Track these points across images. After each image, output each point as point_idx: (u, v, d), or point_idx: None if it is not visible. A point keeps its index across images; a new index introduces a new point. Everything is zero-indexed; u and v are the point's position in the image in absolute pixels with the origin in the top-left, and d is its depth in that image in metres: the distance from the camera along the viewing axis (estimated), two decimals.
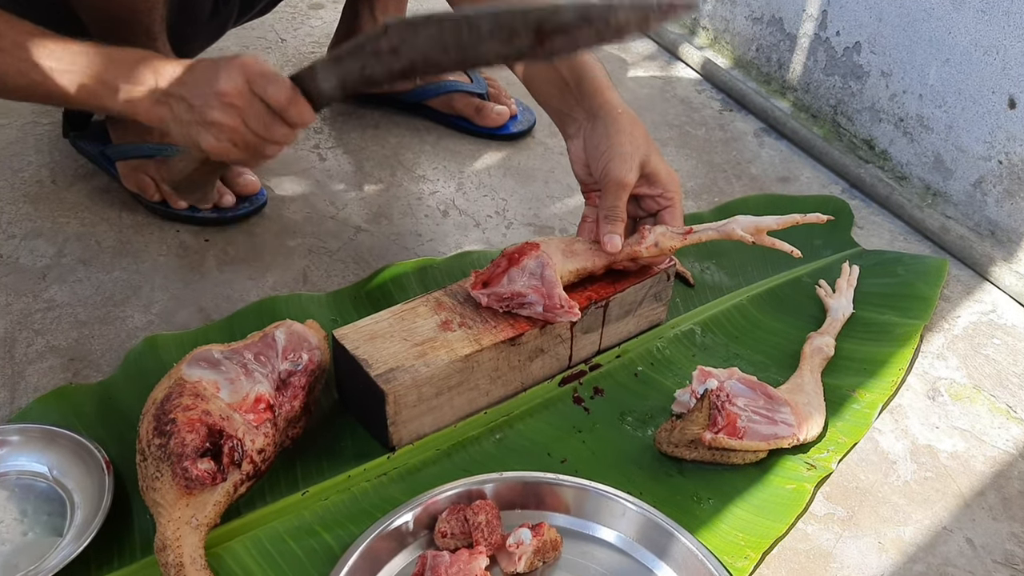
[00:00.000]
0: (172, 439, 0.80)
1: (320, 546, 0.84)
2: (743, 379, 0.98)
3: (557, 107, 1.05)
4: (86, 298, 1.10)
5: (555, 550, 0.84)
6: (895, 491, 0.96)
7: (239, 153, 0.90)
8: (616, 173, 0.98)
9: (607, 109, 1.00)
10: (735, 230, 0.98)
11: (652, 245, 0.98)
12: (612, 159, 0.98)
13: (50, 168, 1.30)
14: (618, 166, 0.98)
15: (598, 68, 1.03)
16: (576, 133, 1.03)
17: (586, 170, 1.03)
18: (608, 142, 0.99)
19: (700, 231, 0.99)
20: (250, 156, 0.91)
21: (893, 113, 1.40)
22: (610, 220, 0.98)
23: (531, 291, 0.94)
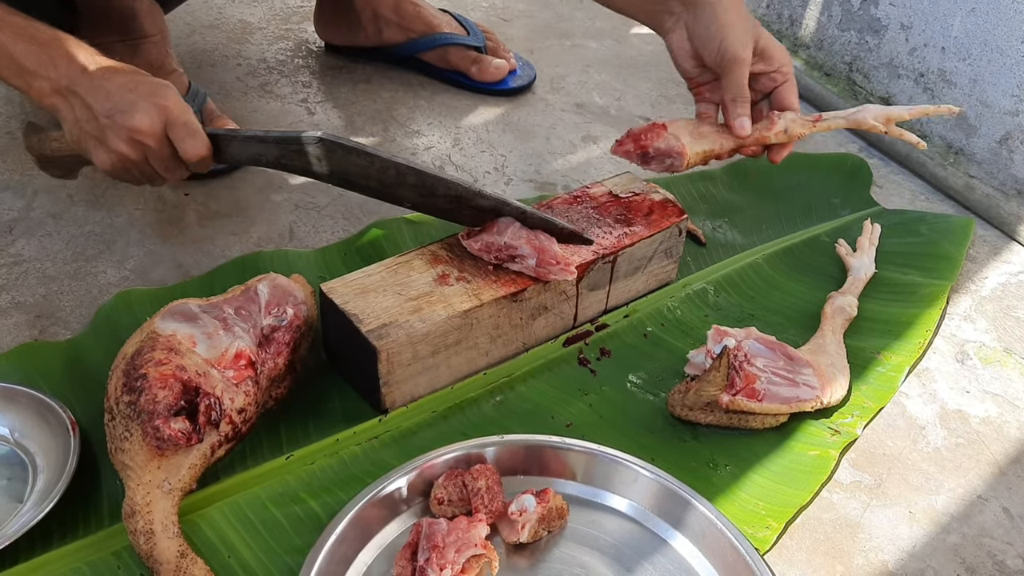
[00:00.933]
0: (142, 396, 0.73)
1: (305, 513, 0.77)
2: (761, 339, 0.91)
3: (646, 6, 1.02)
4: (55, 253, 1.03)
5: (561, 518, 0.77)
6: (925, 458, 0.89)
7: (127, 177, 0.88)
8: (734, 51, 0.94)
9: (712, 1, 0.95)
10: (866, 118, 0.98)
11: (782, 131, 0.98)
12: (726, 37, 0.94)
13: (20, 120, 1.22)
14: (733, 43, 0.94)
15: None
16: (675, 26, 0.99)
17: (694, 61, 0.99)
18: (718, 23, 0.94)
19: (830, 118, 0.99)
20: (135, 182, 0.89)
21: (913, 68, 1.32)
22: (738, 102, 0.95)
23: (524, 243, 0.87)
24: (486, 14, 1.59)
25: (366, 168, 0.85)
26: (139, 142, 0.83)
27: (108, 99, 0.82)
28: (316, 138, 0.83)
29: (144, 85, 0.83)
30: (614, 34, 1.58)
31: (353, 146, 0.84)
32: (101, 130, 0.83)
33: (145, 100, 0.82)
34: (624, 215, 0.97)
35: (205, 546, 0.74)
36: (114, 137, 0.83)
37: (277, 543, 0.75)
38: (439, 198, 0.87)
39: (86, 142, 0.85)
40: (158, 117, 0.82)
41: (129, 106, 0.82)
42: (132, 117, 0.81)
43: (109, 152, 0.84)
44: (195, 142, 0.84)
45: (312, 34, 1.46)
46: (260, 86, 1.34)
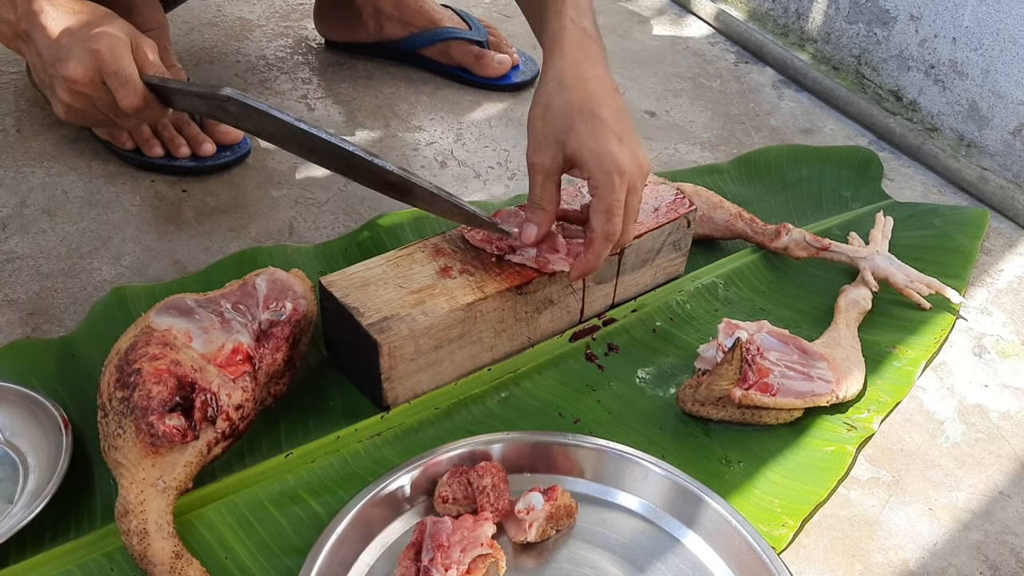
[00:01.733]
0: (136, 391, 0.71)
1: (306, 513, 0.75)
2: (774, 332, 0.89)
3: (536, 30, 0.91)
4: (49, 250, 1.00)
5: (569, 517, 0.75)
6: (944, 453, 0.86)
7: (86, 122, 0.85)
8: (528, 152, 0.82)
9: (544, 67, 0.83)
10: (865, 269, 0.99)
11: (781, 248, 1.01)
12: (528, 133, 0.82)
13: (15, 117, 1.20)
14: (530, 143, 0.82)
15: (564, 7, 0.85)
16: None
17: None
18: (529, 112, 0.82)
19: (835, 251, 1.01)
20: (99, 127, 0.84)
21: (923, 60, 1.30)
22: (529, 208, 0.83)
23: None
24: (488, 10, 1.57)
25: (280, 128, 0.78)
26: (77, 91, 0.80)
27: (52, 46, 0.79)
28: (224, 97, 0.77)
29: (83, 28, 0.79)
30: (617, 29, 1.56)
31: (260, 108, 0.76)
32: (49, 80, 0.81)
33: (80, 46, 0.78)
34: None
35: (201, 547, 0.71)
36: (59, 87, 0.80)
37: (276, 544, 0.72)
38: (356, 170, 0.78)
39: (44, 90, 0.83)
40: (91, 64, 0.78)
41: (65, 53, 0.78)
42: (67, 66, 0.78)
43: (59, 102, 0.81)
44: (127, 92, 0.79)
45: (312, 31, 1.44)
46: (259, 83, 1.32)
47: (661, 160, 1.25)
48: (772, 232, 1.02)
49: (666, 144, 1.28)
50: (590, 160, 0.78)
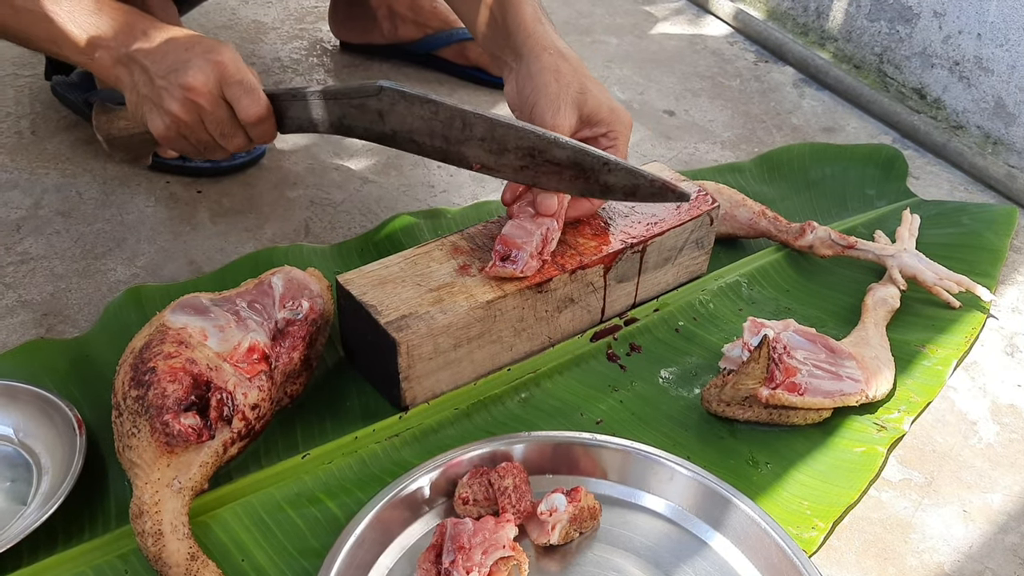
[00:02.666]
0: (151, 390, 0.69)
1: (323, 515, 0.73)
2: (800, 331, 0.87)
3: (490, 48, 0.92)
4: (64, 251, 0.99)
5: (593, 519, 0.73)
6: (977, 454, 0.84)
7: (186, 146, 0.83)
8: (544, 118, 0.82)
9: (530, 45, 0.86)
10: (893, 267, 0.97)
11: (806, 246, 0.99)
12: (537, 102, 0.83)
13: (30, 119, 1.19)
14: (545, 109, 0.83)
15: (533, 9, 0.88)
16: (508, 77, 0.88)
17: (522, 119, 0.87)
18: (532, 84, 0.84)
19: (861, 249, 0.98)
20: (196, 152, 0.84)
21: (947, 57, 1.28)
22: None
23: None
24: None
25: (430, 121, 0.78)
26: (193, 102, 0.78)
27: (164, 60, 0.78)
28: (378, 88, 0.77)
29: (201, 44, 0.78)
30: (635, 30, 1.54)
31: (416, 95, 0.77)
32: (157, 92, 0.79)
33: (200, 57, 0.77)
34: (653, 204, 0.93)
35: (217, 549, 0.70)
36: (169, 98, 0.78)
37: (293, 546, 0.71)
38: (510, 153, 0.79)
39: (143, 107, 0.81)
40: (213, 74, 0.77)
41: (183, 64, 0.77)
42: (186, 74, 0.77)
43: (164, 114, 0.79)
44: (251, 100, 0.78)
45: (327, 33, 1.43)
46: (274, 85, 1.31)
47: (681, 159, 1.23)
48: (796, 230, 1.00)
49: (686, 143, 1.26)
50: (609, 116, 0.85)
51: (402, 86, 0.77)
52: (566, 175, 0.80)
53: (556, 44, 0.86)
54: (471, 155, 0.80)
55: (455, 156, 0.80)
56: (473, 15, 0.93)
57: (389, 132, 0.80)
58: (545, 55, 0.85)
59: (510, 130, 0.78)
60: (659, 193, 0.81)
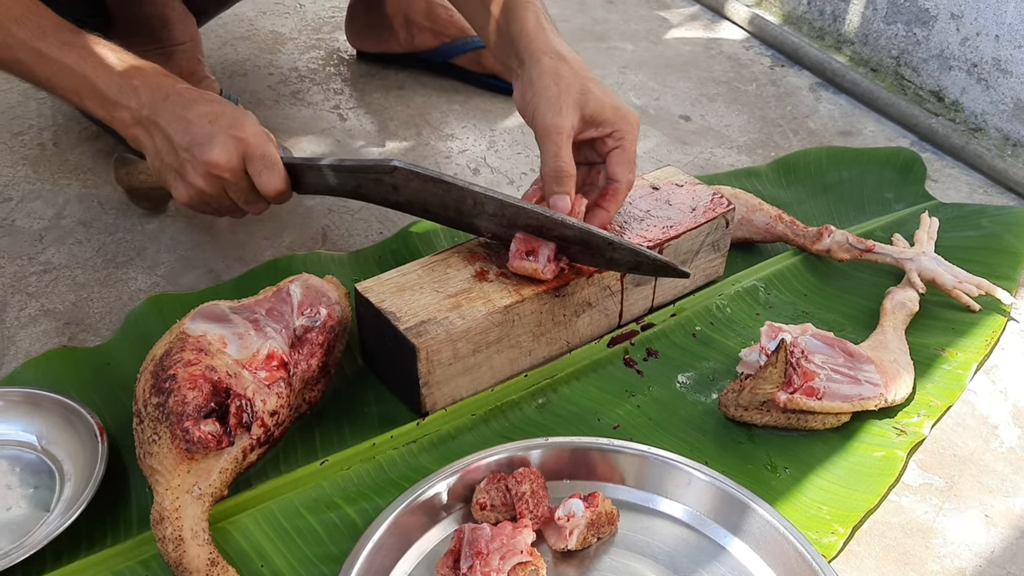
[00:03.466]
0: (171, 397, 0.70)
1: (342, 520, 0.73)
2: (818, 335, 0.86)
3: (499, 56, 0.93)
4: (85, 260, 1.01)
5: (611, 524, 0.73)
6: (999, 459, 0.83)
7: (206, 210, 0.85)
8: (545, 120, 0.82)
9: (531, 51, 0.86)
10: (911, 270, 0.96)
11: (824, 250, 0.99)
12: (538, 105, 0.83)
13: (52, 131, 1.21)
14: (546, 111, 0.83)
15: (530, 5, 0.89)
16: (515, 83, 0.88)
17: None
18: (532, 88, 0.84)
19: (879, 252, 0.98)
20: (215, 214, 0.87)
21: (965, 59, 1.27)
22: (553, 178, 0.82)
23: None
24: None
25: (443, 197, 0.82)
26: (217, 176, 0.80)
27: (187, 131, 0.80)
28: (391, 167, 0.80)
29: (224, 117, 0.80)
30: (650, 36, 1.55)
31: (429, 175, 0.80)
32: (180, 163, 0.81)
33: (223, 133, 0.79)
34: (667, 207, 0.93)
35: (237, 554, 0.70)
36: (192, 171, 0.80)
37: (312, 551, 0.71)
38: (519, 228, 0.82)
39: (166, 174, 0.83)
40: (236, 150, 0.80)
41: (207, 139, 0.79)
42: (210, 151, 0.79)
43: (187, 186, 0.82)
44: (272, 175, 0.81)
45: (343, 43, 1.45)
46: (292, 94, 1.32)
47: (697, 164, 1.23)
48: (814, 234, 1.00)
49: (702, 148, 1.26)
50: (613, 115, 0.84)
51: (415, 166, 0.80)
52: (573, 249, 0.82)
53: (556, 48, 0.86)
54: (483, 227, 0.84)
55: (468, 226, 0.84)
56: (483, 24, 0.94)
57: (404, 202, 0.84)
58: (545, 59, 0.85)
59: (520, 211, 0.80)
60: (661, 269, 0.83)
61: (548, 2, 0.93)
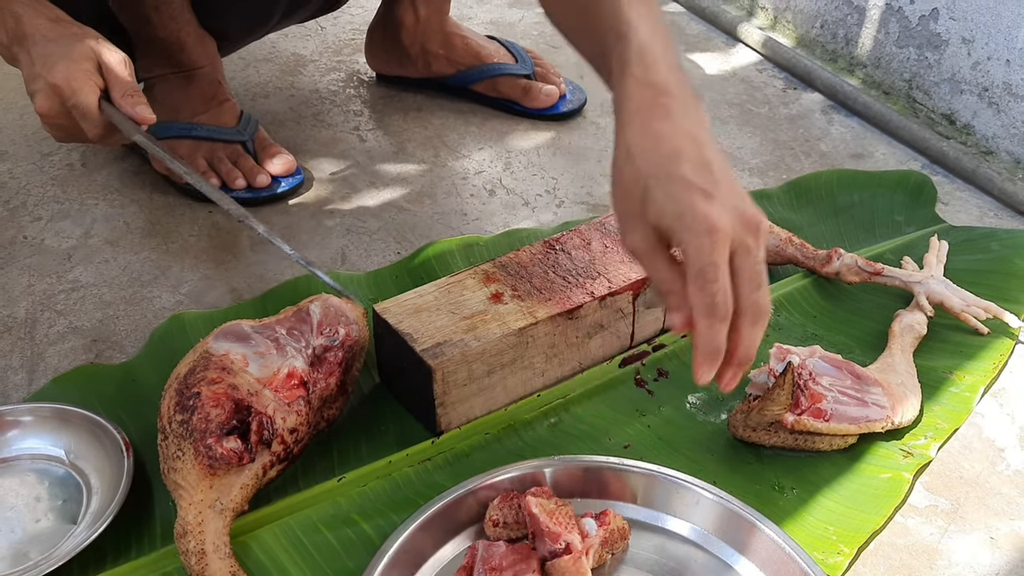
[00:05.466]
0: (195, 414, 0.72)
1: (358, 536, 0.76)
2: (827, 357, 0.88)
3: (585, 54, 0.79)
4: (112, 279, 1.04)
5: (624, 539, 0.74)
6: (1005, 481, 0.84)
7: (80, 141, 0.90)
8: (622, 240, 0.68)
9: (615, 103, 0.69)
10: (920, 293, 0.98)
11: (833, 272, 1.00)
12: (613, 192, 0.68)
13: (80, 152, 1.24)
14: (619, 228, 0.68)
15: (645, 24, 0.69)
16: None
17: None
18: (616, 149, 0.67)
19: (888, 276, 0.99)
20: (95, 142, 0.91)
21: (976, 83, 1.29)
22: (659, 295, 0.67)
23: None
24: (535, 41, 1.59)
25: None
26: (51, 122, 0.86)
27: (27, 78, 0.85)
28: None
29: (47, 60, 0.83)
30: None
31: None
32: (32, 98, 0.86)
33: (42, 80, 0.83)
34: None
35: (256, 568, 0.73)
36: (38, 113, 0.86)
37: (329, 566, 0.73)
38: None
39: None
40: (55, 97, 0.84)
41: (34, 88, 0.84)
42: (36, 100, 0.84)
43: (46, 127, 0.88)
44: (88, 124, 0.85)
45: (363, 65, 1.47)
46: (312, 115, 1.35)
47: None
48: (823, 257, 1.02)
49: None
50: (674, 224, 0.63)
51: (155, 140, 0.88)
52: None
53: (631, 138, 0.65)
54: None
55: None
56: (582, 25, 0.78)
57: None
58: (617, 157, 0.66)
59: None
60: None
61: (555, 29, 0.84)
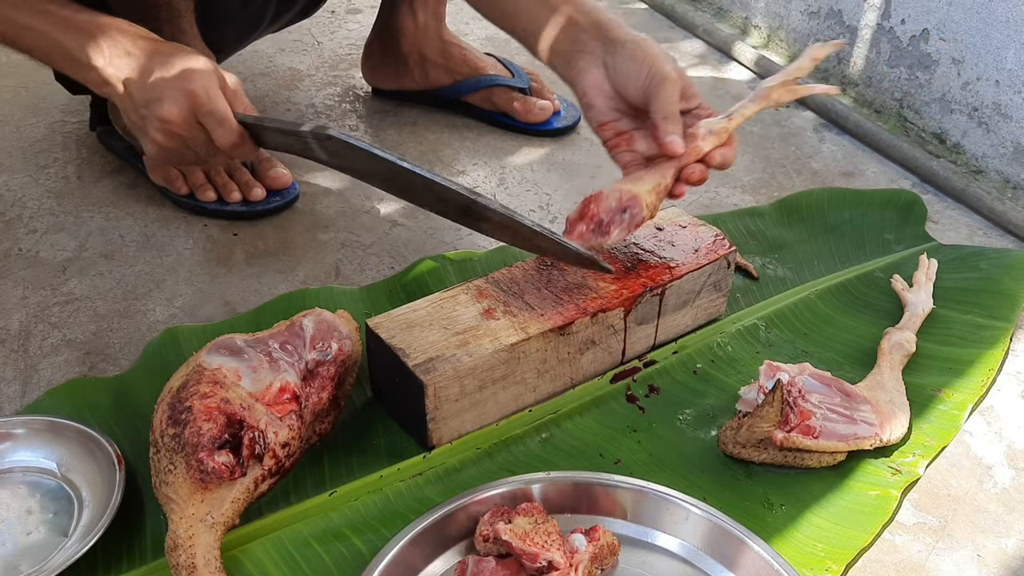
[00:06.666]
0: (187, 428, 0.73)
1: (349, 551, 0.76)
2: (816, 374, 0.89)
3: (563, 48, 0.96)
4: (106, 291, 1.04)
5: (613, 555, 0.75)
6: (993, 499, 0.85)
7: (174, 163, 0.89)
8: (663, 71, 0.88)
9: (630, 36, 0.92)
10: (769, 94, 0.93)
11: (707, 134, 0.89)
12: (654, 63, 0.89)
13: (76, 165, 1.25)
14: (663, 66, 0.89)
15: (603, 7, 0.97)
16: (589, 65, 0.93)
17: (611, 102, 0.93)
18: (644, 52, 0.90)
19: (739, 108, 0.93)
20: (184, 167, 0.91)
21: (966, 103, 1.30)
22: (669, 120, 0.87)
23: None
24: (531, 58, 1.59)
25: (375, 167, 0.82)
26: (172, 132, 0.83)
27: (143, 88, 0.83)
28: (326, 135, 0.81)
29: (174, 70, 0.83)
30: None
31: (361, 147, 0.80)
32: (142, 121, 0.84)
33: (173, 87, 0.82)
34: (670, 247, 0.96)
35: None
36: (151, 128, 0.83)
37: None
38: (448, 204, 0.83)
39: (137, 132, 0.87)
40: (186, 104, 0.82)
41: (159, 96, 0.82)
42: (161, 107, 0.82)
43: (150, 142, 0.85)
44: (223, 131, 0.84)
45: (359, 80, 1.49)
46: None
47: (701, 203, 1.25)
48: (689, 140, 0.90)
49: (707, 188, 1.29)
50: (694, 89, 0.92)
51: (349, 137, 0.81)
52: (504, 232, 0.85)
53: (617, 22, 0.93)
54: (417, 199, 0.86)
55: (406, 197, 0.86)
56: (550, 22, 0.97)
57: (343, 166, 0.85)
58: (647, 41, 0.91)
59: (446, 189, 0.80)
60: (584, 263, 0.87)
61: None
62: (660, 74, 0.88)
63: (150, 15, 1.02)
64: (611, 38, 0.92)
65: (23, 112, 1.35)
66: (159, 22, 1.06)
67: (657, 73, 0.88)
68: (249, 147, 0.87)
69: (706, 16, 1.73)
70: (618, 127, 0.93)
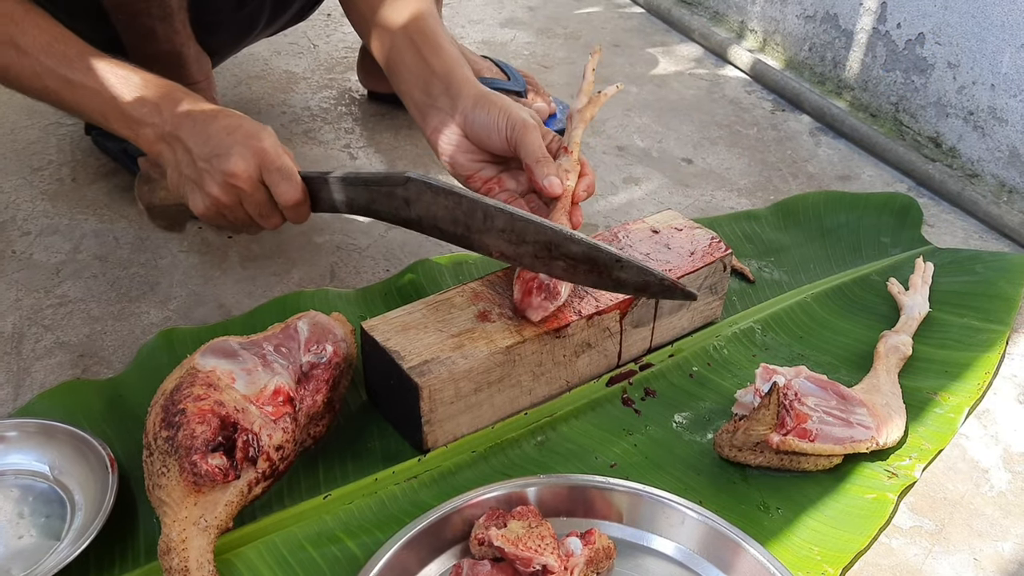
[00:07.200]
0: (180, 431, 0.72)
1: (343, 554, 0.75)
2: (812, 377, 0.88)
3: (421, 100, 0.97)
4: (100, 294, 1.03)
5: (609, 558, 0.74)
6: (989, 502, 0.85)
7: (224, 223, 0.88)
8: (524, 118, 0.90)
9: (477, 91, 0.93)
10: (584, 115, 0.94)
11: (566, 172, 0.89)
12: (510, 112, 0.90)
13: (71, 167, 1.24)
14: (519, 112, 0.90)
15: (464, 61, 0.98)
16: (442, 124, 0.94)
17: (472, 155, 0.94)
18: (495, 105, 0.91)
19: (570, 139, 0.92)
20: (233, 229, 0.89)
21: (962, 107, 1.30)
22: (541, 162, 0.88)
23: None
24: (527, 62, 1.60)
25: (453, 210, 0.82)
26: (234, 186, 0.83)
27: (207, 143, 0.82)
28: (404, 179, 0.82)
29: (243, 129, 0.83)
30: (654, 79, 1.58)
31: (442, 187, 0.81)
32: (199, 174, 0.84)
33: (241, 143, 0.82)
34: (666, 250, 0.96)
35: None
36: (210, 181, 0.83)
37: None
38: (528, 245, 0.80)
39: (185, 186, 0.86)
40: (253, 160, 0.82)
41: (226, 150, 0.82)
42: (228, 160, 0.81)
43: (205, 196, 0.84)
44: (289, 187, 0.83)
45: (355, 83, 1.48)
46: (304, 133, 1.36)
47: (698, 207, 1.25)
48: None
49: (703, 191, 1.29)
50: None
51: (428, 177, 0.81)
52: (580, 268, 0.81)
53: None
54: (492, 244, 0.82)
55: (477, 244, 0.83)
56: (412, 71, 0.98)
57: (415, 218, 0.84)
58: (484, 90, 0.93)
59: (529, 225, 0.80)
60: (667, 291, 0.81)
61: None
62: (521, 122, 0.89)
63: (142, 12, 1.01)
64: (460, 94, 0.93)
65: (17, 114, 1.35)
66: (152, 19, 1.06)
67: (518, 122, 0.90)
68: (306, 208, 0.87)
69: (702, 20, 1.73)
70: (483, 176, 0.94)
